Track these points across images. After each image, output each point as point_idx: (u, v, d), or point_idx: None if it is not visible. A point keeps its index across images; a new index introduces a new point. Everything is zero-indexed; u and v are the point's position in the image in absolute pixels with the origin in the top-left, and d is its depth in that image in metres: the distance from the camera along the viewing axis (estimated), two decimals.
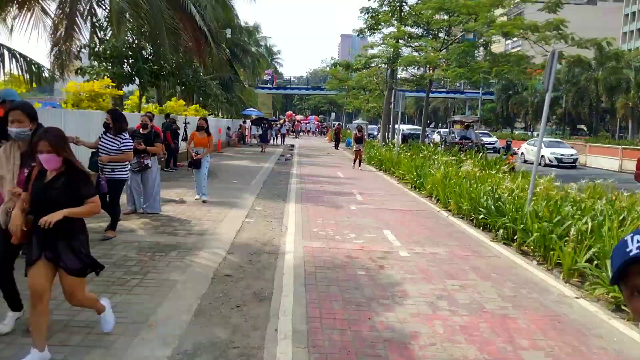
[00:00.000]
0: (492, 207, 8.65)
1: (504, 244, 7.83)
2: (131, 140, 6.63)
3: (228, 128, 31.09)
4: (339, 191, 12.65)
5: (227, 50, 34.92)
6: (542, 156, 24.73)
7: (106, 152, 6.38)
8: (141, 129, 7.67)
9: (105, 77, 12.47)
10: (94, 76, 12.91)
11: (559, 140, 30.65)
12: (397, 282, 5.63)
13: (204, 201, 9.59)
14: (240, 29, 37.09)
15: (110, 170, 6.43)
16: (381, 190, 13.36)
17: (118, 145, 6.41)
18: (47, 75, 9.01)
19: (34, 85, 10.27)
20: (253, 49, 42.66)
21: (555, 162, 24.45)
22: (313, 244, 7.07)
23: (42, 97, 40.87)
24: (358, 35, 27.78)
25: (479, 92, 63.18)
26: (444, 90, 64.03)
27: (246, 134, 35.96)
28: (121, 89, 14.91)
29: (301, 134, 54.88)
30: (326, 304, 4.83)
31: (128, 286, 4.94)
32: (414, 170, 14.00)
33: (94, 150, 6.59)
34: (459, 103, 78.05)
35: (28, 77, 8.65)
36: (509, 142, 19.26)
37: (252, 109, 39.75)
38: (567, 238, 6.92)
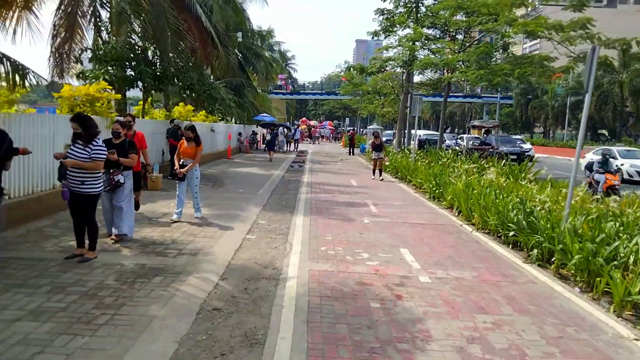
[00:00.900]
0: (524, 222, 7.68)
1: (539, 265, 6.87)
2: (104, 148, 5.79)
3: (239, 134, 30.44)
4: (352, 202, 11.76)
5: (240, 55, 34.43)
6: (618, 169, 20.19)
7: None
8: (113, 139, 6.70)
9: (102, 80, 11.75)
10: (93, 80, 12.22)
11: (636, 149, 25.51)
12: (417, 317, 4.72)
13: (196, 217, 8.60)
14: (252, 33, 36.50)
15: (79, 182, 5.58)
16: (397, 200, 12.43)
17: (88, 153, 5.59)
18: (33, 78, 8.28)
19: (22, 90, 9.61)
20: (266, 54, 42.02)
21: (636, 177, 20.15)
22: (320, 267, 6.20)
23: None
24: (372, 37, 26.90)
25: (496, 97, 61.89)
26: (461, 94, 62.77)
27: (259, 139, 35.31)
28: (123, 94, 14.24)
29: (318, 139, 53.79)
30: (331, 351, 3.94)
31: (94, 324, 4.12)
32: (432, 179, 13.05)
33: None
34: (476, 108, 76.64)
35: (12, 79, 7.91)
36: (608, 156, 14.29)
37: (265, 114, 39.07)
38: (614, 262, 5.97)
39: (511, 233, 7.74)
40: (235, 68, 32.42)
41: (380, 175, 16.74)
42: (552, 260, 6.74)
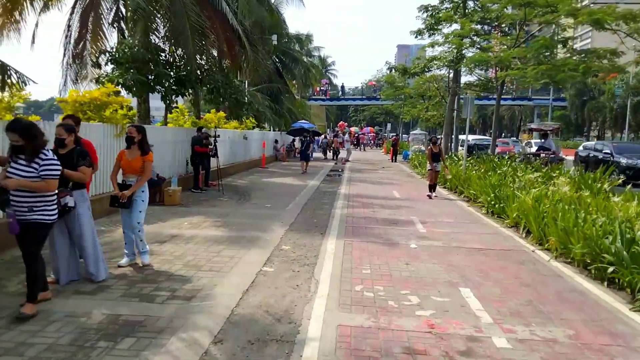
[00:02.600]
0: (625, 254, 5.81)
1: None
2: (56, 160, 4.36)
3: (276, 141, 29.22)
4: (395, 219, 10.07)
5: (277, 60, 33.32)
6: None
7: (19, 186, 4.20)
8: (58, 148, 5.01)
9: (114, 84, 10.60)
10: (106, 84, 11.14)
11: None
12: None
13: (143, 265, 5.91)
14: (289, 38, 35.34)
15: (26, 209, 4.20)
16: (448, 216, 10.64)
17: (36, 171, 4.20)
18: (14, 75, 7.13)
19: (22, 96, 8.55)
20: (305, 59, 40.78)
21: None
22: (353, 320, 4.58)
23: None
24: (416, 36, 25.03)
25: (548, 99, 58.21)
26: (510, 97, 59.50)
27: (296, 147, 34.05)
28: (144, 99, 13.12)
29: (365, 146, 51.53)
30: None
31: None
32: (490, 191, 11.17)
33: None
34: (526, 111, 72.88)
35: None
36: None
37: (303, 121, 37.78)
38: None
39: (610, 269, 5.86)
40: (272, 72, 31.37)
41: (434, 190, 13.61)
42: None
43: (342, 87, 73.43)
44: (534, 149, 22.54)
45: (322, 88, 65.59)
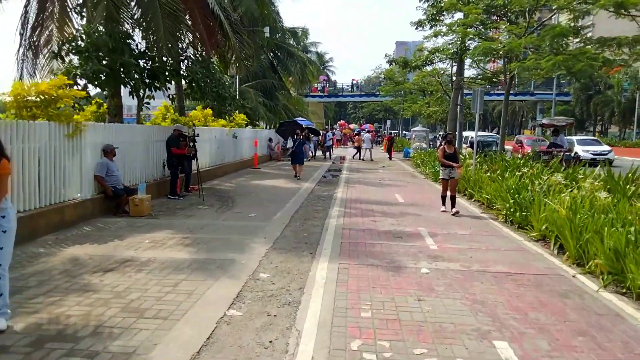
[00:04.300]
0: None
1: None
2: None
3: (270, 140, 27.73)
4: (400, 230, 8.57)
5: (271, 55, 31.76)
6: None
7: None
8: None
9: (62, 75, 9.08)
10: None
11: None
12: None
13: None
14: (284, 31, 33.76)
15: None
16: (461, 226, 9.13)
17: None
18: None
19: None
20: (301, 54, 39.14)
21: None
22: None
23: None
24: (416, 28, 23.50)
25: (551, 94, 56.64)
26: (512, 92, 57.95)
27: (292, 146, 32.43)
28: (114, 94, 11.59)
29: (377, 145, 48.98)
30: None
31: None
32: (508, 196, 9.66)
33: None
34: (527, 106, 71.37)
35: None
36: None
37: (301, 118, 36.17)
38: None
39: None
40: (265, 68, 29.83)
41: (454, 205, 10.49)
42: None
43: (352, 83, 71.20)
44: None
45: (320, 86, 63.97)
